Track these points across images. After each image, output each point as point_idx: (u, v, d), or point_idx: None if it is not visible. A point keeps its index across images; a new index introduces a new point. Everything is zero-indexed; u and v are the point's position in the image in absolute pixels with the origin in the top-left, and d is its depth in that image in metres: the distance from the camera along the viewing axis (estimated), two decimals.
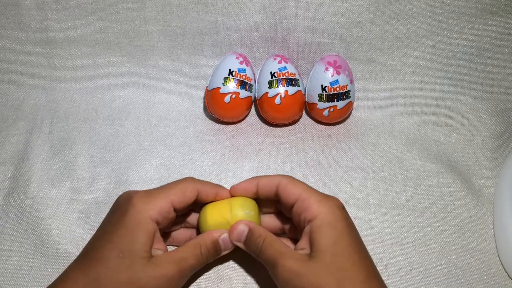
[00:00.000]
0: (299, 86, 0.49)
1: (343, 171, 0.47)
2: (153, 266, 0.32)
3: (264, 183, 0.36)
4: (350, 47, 0.52)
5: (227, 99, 0.48)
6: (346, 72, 0.49)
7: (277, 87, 0.48)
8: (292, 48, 0.52)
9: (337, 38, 0.51)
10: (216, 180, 0.46)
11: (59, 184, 0.46)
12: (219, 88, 0.49)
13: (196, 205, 0.38)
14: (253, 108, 0.54)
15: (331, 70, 0.48)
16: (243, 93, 0.49)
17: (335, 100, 0.48)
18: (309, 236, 0.33)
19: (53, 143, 0.50)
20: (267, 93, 0.49)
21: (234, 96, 0.49)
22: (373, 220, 0.43)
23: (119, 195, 0.36)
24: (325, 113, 0.49)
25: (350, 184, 0.46)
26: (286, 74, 0.49)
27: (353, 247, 0.32)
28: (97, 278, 0.31)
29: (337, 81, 0.48)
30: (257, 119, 0.53)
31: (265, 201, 0.38)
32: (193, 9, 0.50)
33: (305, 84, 0.51)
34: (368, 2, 0.49)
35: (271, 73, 0.49)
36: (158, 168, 0.48)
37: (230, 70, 0.49)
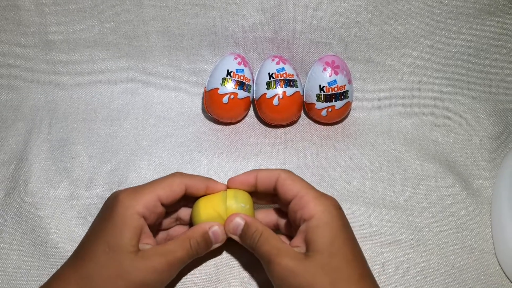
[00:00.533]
0: (297, 87, 0.49)
1: (342, 171, 0.47)
2: (140, 259, 0.32)
3: (263, 176, 0.36)
4: (348, 47, 0.52)
5: (225, 99, 0.49)
6: (344, 72, 0.49)
7: (275, 88, 0.48)
8: (290, 48, 0.52)
9: (335, 38, 0.51)
10: None
11: (58, 185, 0.46)
12: (217, 88, 0.49)
13: (189, 201, 0.39)
14: (251, 108, 0.54)
15: (329, 70, 0.48)
16: (241, 94, 0.49)
17: (333, 100, 0.49)
18: (305, 235, 0.33)
19: (52, 143, 0.50)
20: (265, 94, 0.49)
21: (232, 96, 0.49)
22: (372, 218, 0.43)
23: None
24: (323, 113, 0.50)
25: (349, 184, 0.46)
26: (284, 75, 0.49)
27: (348, 246, 0.32)
28: (87, 275, 0.32)
29: (335, 81, 0.48)
30: (256, 119, 0.53)
31: (260, 193, 0.38)
32: (191, 10, 0.50)
33: (303, 85, 0.51)
34: (366, 2, 0.49)
35: (269, 74, 0.49)
36: (157, 168, 0.48)
37: (228, 70, 0.49)
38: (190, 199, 0.38)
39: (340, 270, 0.31)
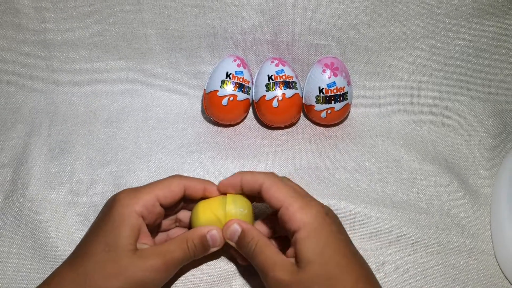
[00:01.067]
0: (296, 88, 0.49)
1: (341, 173, 0.47)
2: (138, 258, 0.33)
3: (247, 180, 0.36)
4: (347, 49, 0.52)
5: (224, 101, 0.49)
6: (343, 74, 0.49)
7: (275, 90, 0.48)
8: (289, 50, 0.52)
9: (334, 40, 0.51)
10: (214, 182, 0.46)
11: (57, 187, 0.46)
12: (216, 91, 0.49)
13: (189, 203, 0.39)
14: (251, 110, 0.54)
15: (328, 72, 0.48)
16: (241, 96, 0.49)
17: (333, 102, 0.49)
18: (295, 247, 0.33)
19: (52, 146, 0.50)
20: (265, 96, 0.49)
21: (231, 98, 0.49)
22: (372, 216, 0.43)
23: None
24: (323, 115, 0.50)
25: (348, 185, 0.46)
26: (284, 77, 0.49)
27: (339, 254, 0.32)
28: (84, 273, 0.32)
29: (334, 83, 0.48)
30: (255, 121, 0.53)
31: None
32: (190, 12, 0.50)
33: (302, 87, 0.51)
34: (365, 4, 0.49)
35: (268, 76, 0.49)
36: (157, 170, 0.48)
37: (227, 72, 0.49)
38: (189, 202, 0.38)
39: (333, 279, 0.31)
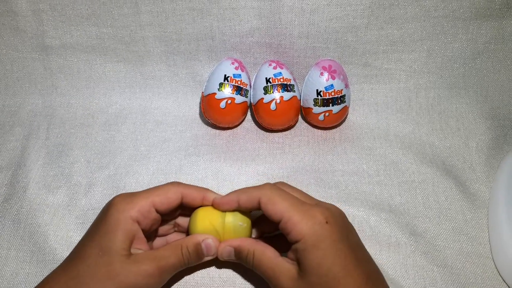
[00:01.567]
0: (294, 91, 0.49)
1: (339, 175, 0.47)
2: (131, 263, 0.33)
3: (244, 200, 0.36)
4: (345, 51, 0.52)
5: (222, 104, 0.49)
6: (341, 77, 0.49)
7: (272, 92, 0.48)
8: (287, 53, 0.52)
9: (332, 42, 0.51)
10: (212, 185, 0.46)
11: (56, 190, 0.46)
12: (214, 93, 0.49)
13: (188, 210, 0.39)
14: (249, 113, 0.54)
15: (326, 75, 0.48)
16: (239, 99, 0.49)
17: (330, 104, 0.49)
18: (295, 255, 0.33)
19: (50, 149, 0.50)
20: (263, 98, 0.49)
21: (229, 101, 0.49)
22: (371, 219, 0.43)
23: None
24: (321, 117, 0.50)
25: (346, 188, 0.46)
26: (281, 80, 0.49)
27: (338, 264, 0.32)
28: (77, 275, 0.32)
29: (332, 85, 0.48)
30: (253, 124, 0.53)
31: None
32: (188, 15, 0.50)
33: (300, 89, 0.51)
34: (362, 7, 0.49)
35: (266, 78, 0.49)
36: (155, 173, 0.48)
37: (225, 75, 0.49)
38: (188, 209, 0.38)
39: None
